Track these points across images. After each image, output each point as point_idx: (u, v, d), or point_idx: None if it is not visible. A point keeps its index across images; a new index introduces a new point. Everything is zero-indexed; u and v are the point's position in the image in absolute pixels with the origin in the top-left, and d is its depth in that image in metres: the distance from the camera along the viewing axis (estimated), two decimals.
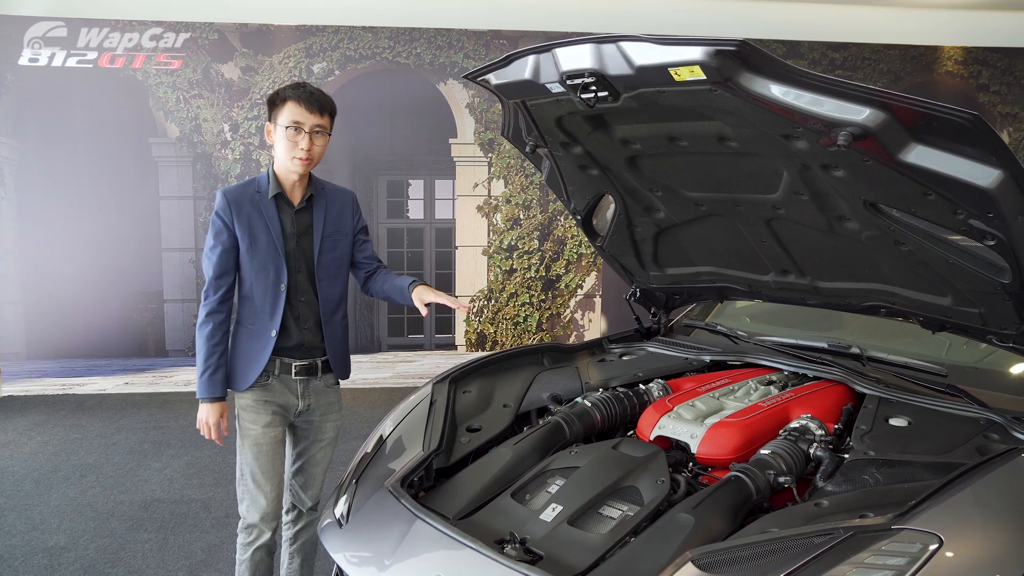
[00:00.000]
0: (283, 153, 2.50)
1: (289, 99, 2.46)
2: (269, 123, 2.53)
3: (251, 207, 2.52)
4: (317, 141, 2.50)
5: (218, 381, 2.51)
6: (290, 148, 2.48)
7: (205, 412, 2.53)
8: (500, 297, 6.95)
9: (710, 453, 2.32)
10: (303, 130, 2.46)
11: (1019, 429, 2.20)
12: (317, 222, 2.60)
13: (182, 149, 6.52)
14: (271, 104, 2.51)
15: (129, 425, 5.49)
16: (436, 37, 6.58)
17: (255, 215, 2.52)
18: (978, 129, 1.75)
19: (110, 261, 6.60)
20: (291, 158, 2.49)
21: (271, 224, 2.52)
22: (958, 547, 1.65)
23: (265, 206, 2.53)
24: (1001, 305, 2.22)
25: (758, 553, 1.69)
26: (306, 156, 2.48)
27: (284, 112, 2.46)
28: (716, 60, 1.79)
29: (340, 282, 2.69)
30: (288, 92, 2.48)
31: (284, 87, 2.52)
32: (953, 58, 7.04)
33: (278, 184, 2.55)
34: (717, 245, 2.85)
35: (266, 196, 2.53)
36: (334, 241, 2.64)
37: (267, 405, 2.58)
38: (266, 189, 2.54)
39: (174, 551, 3.50)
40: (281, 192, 2.55)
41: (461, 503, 2.22)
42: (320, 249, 2.60)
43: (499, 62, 2.24)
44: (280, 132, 2.48)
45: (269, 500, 2.58)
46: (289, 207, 2.57)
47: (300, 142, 2.47)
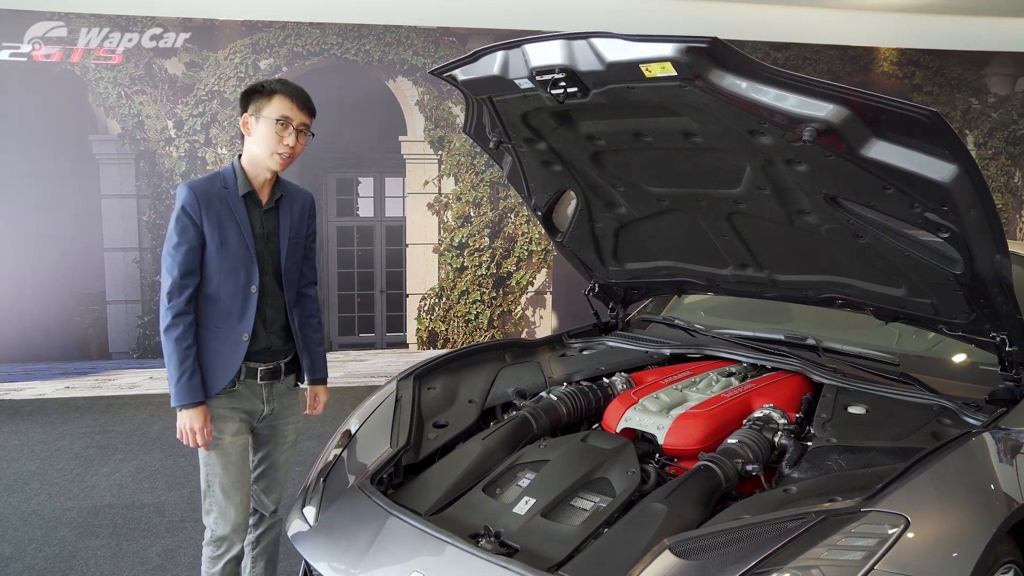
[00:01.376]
0: (264, 147, 2.39)
1: (279, 92, 2.37)
2: (248, 114, 2.41)
3: (220, 204, 2.40)
4: (300, 140, 2.42)
5: (196, 385, 2.37)
6: (275, 143, 2.38)
7: (188, 419, 2.37)
8: (451, 295, 6.94)
9: (677, 444, 2.36)
10: (291, 126, 2.39)
11: (969, 414, 2.29)
12: (284, 224, 2.52)
13: (124, 146, 6.34)
14: (253, 94, 2.41)
15: (72, 430, 5.32)
16: (385, 34, 6.54)
17: (225, 213, 2.40)
18: (936, 126, 1.82)
19: (49, 262, 6.38)
20: (273, 153, 2.39)
21: (242, 224, 2.42)
22: (923, 527, 1.72)
23: (235, 204, 2.42)
24: (952, 295, 2.31)
25: (733, 539, 1.74)
26: (290, 153, 2.40)
27: (273, 105, 2.37)
28: (688, 57, 1.82)
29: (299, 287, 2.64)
30: (276, 85, 2.39)
31: (268, 80, 2.43)
32: (889, 59, 7.28)
33: (248, 182, 2.45)
34: (677, 240, 2.89)
35: (235, 193, 2.42)
36: (296, 244, 2.57)
37: (234, 412, 2.49)
38: (234, 186, 2.43)
39: (129, 557, 3.41)
40: (251, 191, 2.46)
41: (432, 499, 2.22)
42: (287, 251, 2.52)
43: (467, 58, 2.24)
44: (265, 125, 2.37)
45: (239, 511, 2.49)
46: (258, 207, 2.47)
47: (287, 138, 2.38)
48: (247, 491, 2.53)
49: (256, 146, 2.41)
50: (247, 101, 2.43)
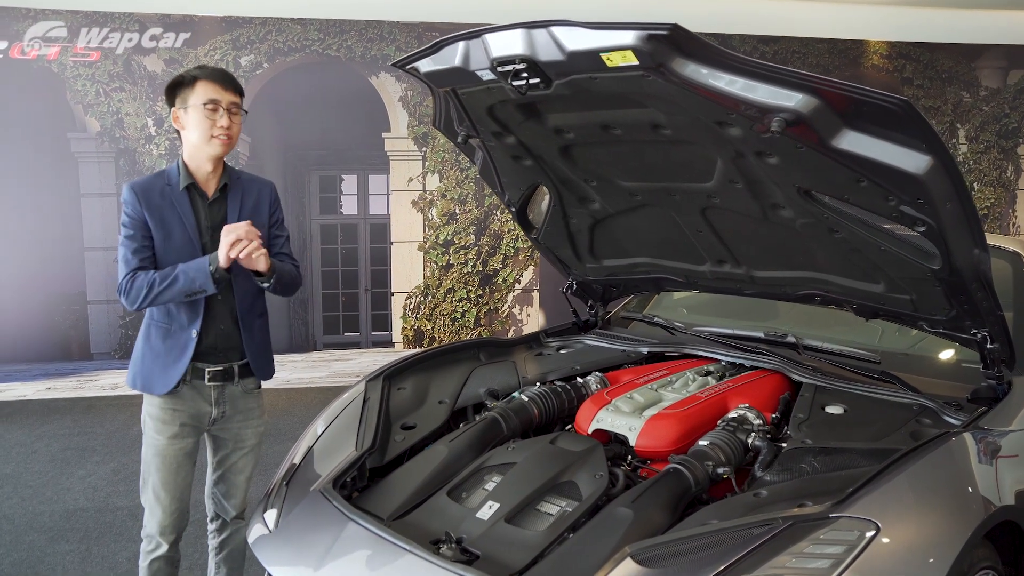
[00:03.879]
0: (200, 135, 2.36)
1: (200, 78, 2.35)
2: (176, 109, 2.39)
3: (161, 200, 2.37)
4: (235, 120, 2.39)
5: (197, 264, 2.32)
6: (208, 127, 2.35)
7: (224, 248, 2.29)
8: (437, 293, 6.87)
9: (649, 445, 2.29)
10: (220, 107, 2.35)
11: (950, 413, 2.23)
12: (232, 213, 2.46)
13: (103, 144, 6.26)
14: (176, 87, 2.38)
15: (51, 432, 5.25)
16: (367, 29, 6.46)
17: (167, 208, 2.38)
18: (907, 115, 1.75)
19: (28, 262, 6.30)
20: (210, 137, 2.35)
21: (185, 218, 2.39)
22: (894, 532, 1.66)
23: (177, 198, 2.39)
24: (931, 291, 2.25)
25: (698, 546, 1.67)
26: (226, 135, 2.37)
27: (197, 91, 2.34)
28: (648, 45, 1.75)
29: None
30: (197, 72, 2.37)
31: (188, 70, 2.40)
32: (879, 52, 7.21)
33: (189, 174, 2.41)
34: (653, 236, 2.83)
35: (177, 188, 2.39)
36: None
37: (175, 415, 2.43)
38: (176, 181, 2.40)
39: (98, 562, 3.34)
40: (193, 182, 2.42)
41: (396, 503, 2.16)
42: None
43: (428, 49, 2.17)
44: (194, 113, 2.35)
45: (168, 514, 2.46)
46: (202, 198, 2.43)
47: (219, 120, 2.35)
48: (180, 496, 2.48)
49: (192, 135, 2.38)
50: (172, 96, 2.40)
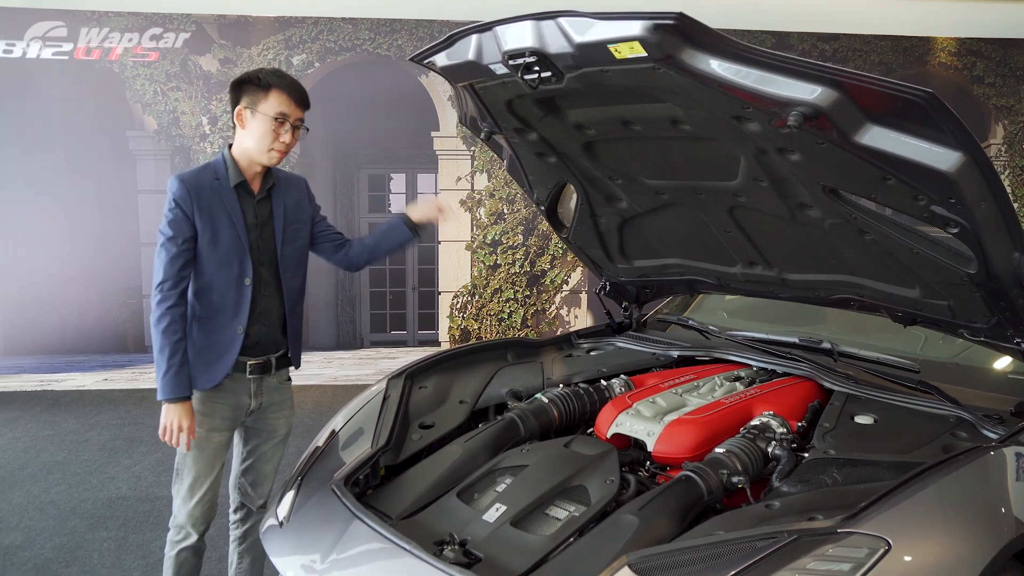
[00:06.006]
0: (259, 143, 2.37)
1: (276, 87, 2.33)
2: (242, 107, 2.37)
3: (211, 195, 2.37)
4: (295, 135, 2.41)
5: (184, 379, 2.35)
6: (271, 139, 2.36)
7: (173, 415, 2.34)
8: (484, 293, 6.86)
9: (666, 452, 2.23)
10: (288, 122, 2.36)
11: (988, 427, 2.10)
12: (277, 212, 2.49)
13: (160, 142, 6.43)
14: (246, 85, 2.36)
15: (104, 422, 5.41)
16: (417, 28, 6.49)
17: (216, 204, 2.37)
18: (934, 108, 1.65)
19: (88, 256, 6.51)
20: (268, 149, 2.37)
21: (234, 215, 2.39)
22: (907, 551, 1.56)
23: (226, 195, 2.39)
24: (969, 297, 2.13)
25: (698, 557, 1.61)
26: (285, 149, 2.39)
27: (270, 100, 2.33)
28: (655, 35, 1.69)
29: (301, 273, 2.60)
30: (273, 79, 2.34)
31: (263, 71, 2.38)
32: (946, 49, 6.93)
33: (239, 172, 2.42)
34: (682, 236, 2.75)
35: (226, 184, 2.39)
36: (295, 231, 2.54)
37: (217, 408, 2.48)
38: (225, 176, 2.40)
39: (132, 550, 3.41)
40: (243, 181, 2.42)
41: (406, 502, 2.14)
42: (283, 240, 2.49)
43: (442, 42, 2.15)
44: (262, 121, 2.34)
45: (199, 506, 2.49)
46: (250, 196, 2.44)
47: (283, 135, 2.36)
48: (212, 487, 2.51)
49: (250, 140, 2.38)
50: (239, 92, 2.38)
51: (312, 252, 2.67)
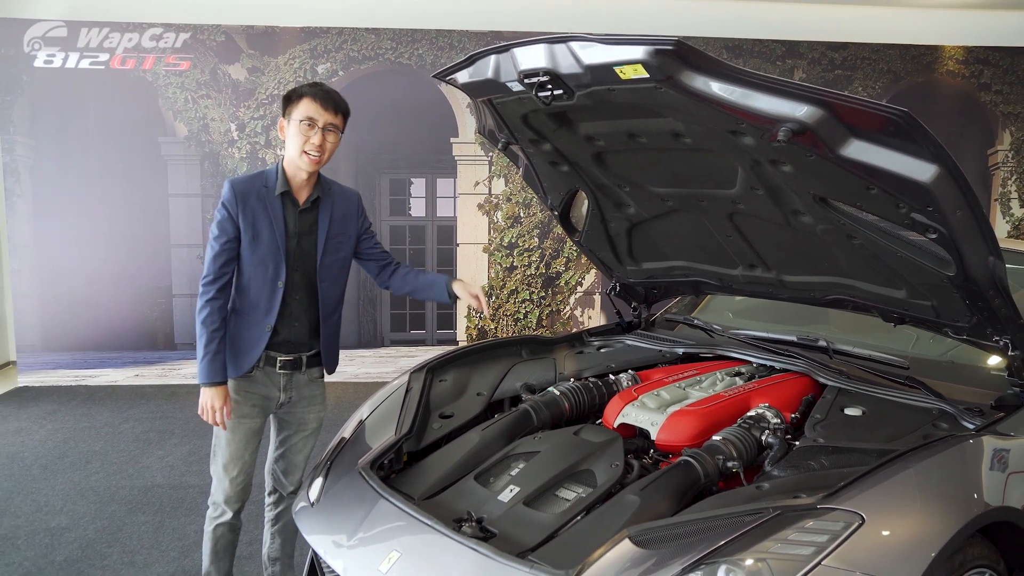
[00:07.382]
0: (294, 148, 2.54)
1: (305, 95, 2.52)
2: (283, 119, 2.58)
3: (257, 201, 2.55)
4: (329, 138, 2.55)
5: (219, 366, 2.57)
6: (301, 143, 2.52)
7: (208, 397, 2.57)
8: (501, 294, 7.04)
9: (668, 440, 2.40)
10: (316, 126, 2.52)
11: (967, 418, 2.26)
12: (322, 223, 2.65)
13: (190, 148, 6.66)
14: (287, 100, 2.57)
15: (137, 415, 5.64)
16: (437, 38, 6.68)
17: (260, 210, 2.56)
18: (910, 126, 1.82)
19: (121, 256, 6.76)
20: (301, 153, 2.53)
21: (275, 221, 2.57)
22: (879, 525, 1.73)
23: (271, 202, 2.57)
24: (950, 298, 2.28)
25: (692, 531, 1.78)
26: (316, 152, 2.53)
27: (299, 108, 2.52)
28: (657, 58, 1.87)
29: (341, 283, 2.77)
30: (305, 89, 2.54)
31: (302, 85, 2.58)
32: (954, 58, 7.03)
33: (286, 182, 2.59)
34: (687, 239, 2.92)
35: (273, 192, 2.57)
36: (338, 243, 2.70)
37: (247, 396, 2.67)
38: (274, 184, 2.58)
39: (169, 533, 3.62)
40: (288, 190, 2.60)
41: (428, 484, 2.32)
42: (324, 250, 2.65)
43: (463, 62, 2.33)
44: (293, 127, 2.53)
45: (233, 485, 2.70)
46: (294, 206, 2.61)
47: (312, 137, 2.51)
48: (245, 470, 2.71)
49: (289, 147, 2.57)
50: (283, 107, 2.59)
51: (355, 262, 2.86)
